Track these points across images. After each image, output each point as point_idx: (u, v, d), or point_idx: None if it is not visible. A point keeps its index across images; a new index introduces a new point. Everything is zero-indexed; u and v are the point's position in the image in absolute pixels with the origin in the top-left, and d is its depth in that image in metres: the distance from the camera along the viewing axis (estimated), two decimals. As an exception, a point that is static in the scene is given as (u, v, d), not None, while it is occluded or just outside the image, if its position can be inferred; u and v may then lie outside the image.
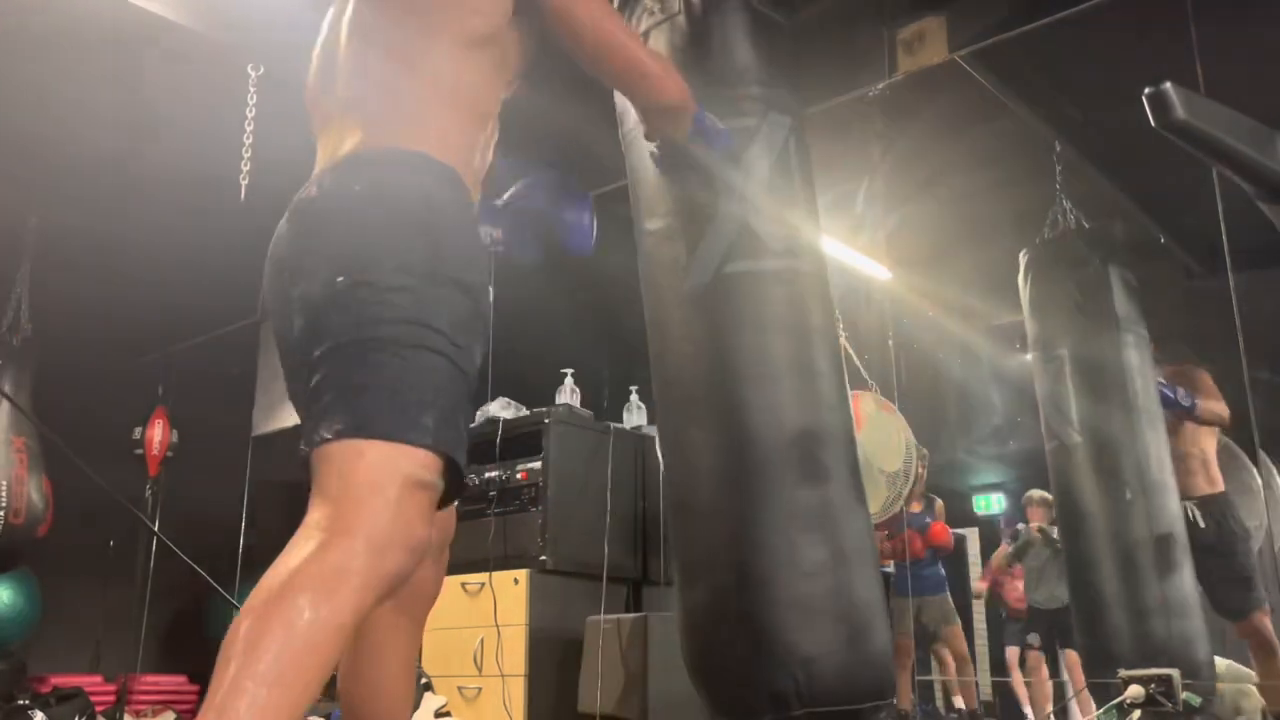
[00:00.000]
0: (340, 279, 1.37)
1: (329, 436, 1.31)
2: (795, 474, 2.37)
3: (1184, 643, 3.67)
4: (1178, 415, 4.03)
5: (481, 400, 4.49)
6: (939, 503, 5.92)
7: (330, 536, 1.24)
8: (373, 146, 1.48)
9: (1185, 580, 3.82)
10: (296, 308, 1.43)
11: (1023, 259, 4.39)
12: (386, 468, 1.29)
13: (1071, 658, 5.26)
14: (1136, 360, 4.08)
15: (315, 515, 1.28)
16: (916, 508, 5.73)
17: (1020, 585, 5.96)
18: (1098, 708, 3.38)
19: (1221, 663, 4.19)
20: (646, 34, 2.69)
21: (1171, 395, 4.00)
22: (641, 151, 2.65)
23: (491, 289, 1.55)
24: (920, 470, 5.37)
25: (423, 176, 1.45)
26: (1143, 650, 3.64)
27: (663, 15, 2.67)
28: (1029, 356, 4.36)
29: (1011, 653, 6.06)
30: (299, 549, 1.24)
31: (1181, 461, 4.13)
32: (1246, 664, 4.16)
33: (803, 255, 2.58)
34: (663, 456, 2.62)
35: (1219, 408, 4.10)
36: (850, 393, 4.11)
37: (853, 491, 2.46)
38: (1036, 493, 5.80)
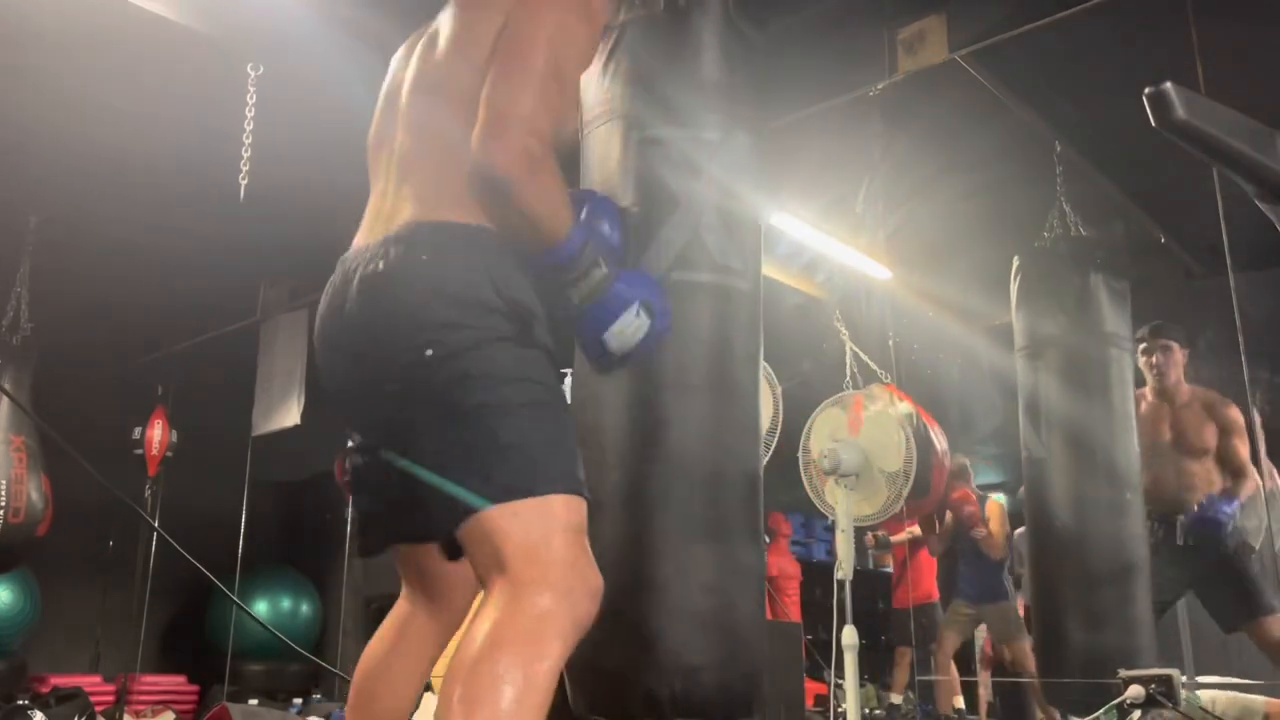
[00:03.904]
0: (429, 351, 1.38)
1: (478, 507, 1.34)
2: (700, 489, 2.40)
3: (1131, 655, 3.70)
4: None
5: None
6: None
7: (518, 594, 1.29)
8: (431, 219, 1.48)
9: (1140, 596, 3.86)
10: (382, 383, 1.44)
11: (1014, 264, 4.38)
12: (547, 522, 1.34)
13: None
14: (1117, 373, 4.07)
15: (494, 580, 1.32)
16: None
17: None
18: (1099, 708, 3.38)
19: (1224, 696, 4.16)
20: (624, 25, 2.68)
21: (1229, 515, 3.82)
22: (601, 142, 2.65)
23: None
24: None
25: (485, 248, 1.47)
26: (1092, 660, 3.71)
27: (643, 10, 2.66)
28: (1015, 360, 4.35)
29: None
30: (489, 614, 1.29)
31: (1182, 477, 4.06)
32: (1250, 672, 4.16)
33: (743, 273, 2.58)
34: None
35: (1252, 487, 3.91)
36: (853, 394, 4.14)
37: (749, 517, 2.50)
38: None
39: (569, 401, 1.52)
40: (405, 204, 1.52)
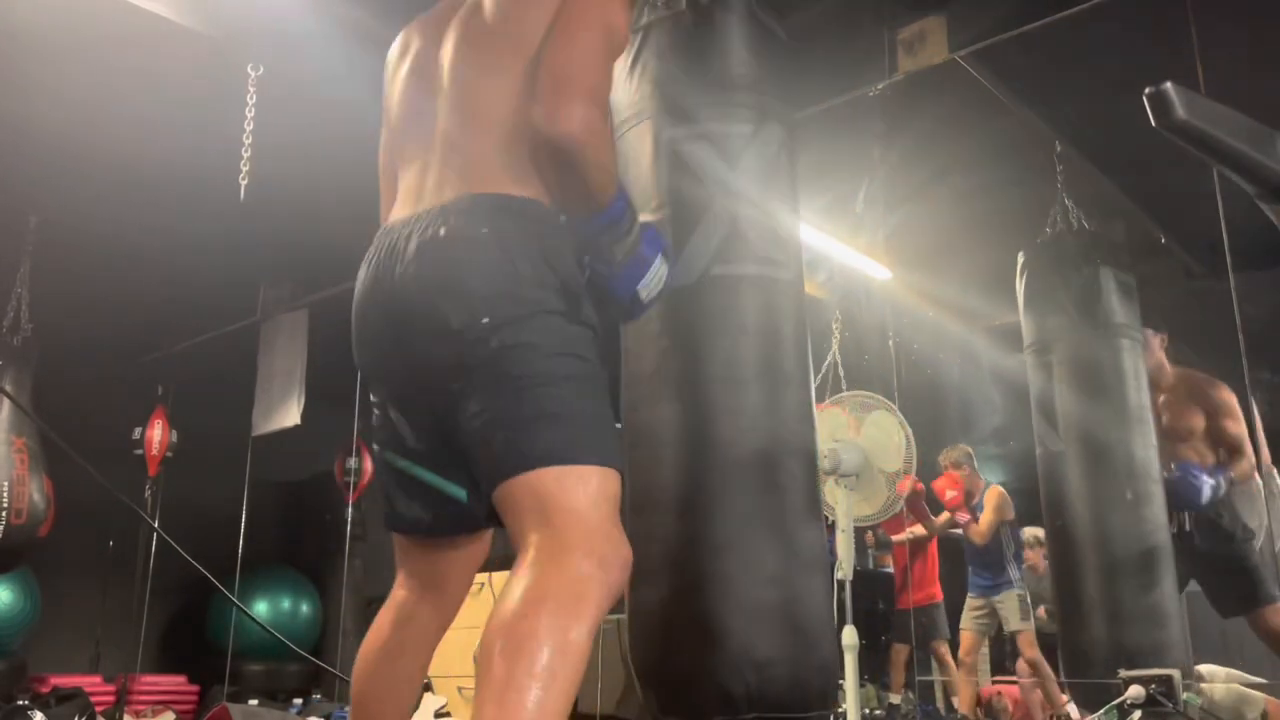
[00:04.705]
0: (486, 319, 1.43)
1: (523, 467, 1.38)
2: (757, 480, 2.39)
3: (1160, 649, 3.70)
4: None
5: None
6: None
7: (559, 556, 1.33)
8: (486, 190, 1.52)
9: (1167, 589, 3.84)
10: (429, 348, 1.47)
11: (1020, 260, 4.39)
12: (587, 490, 1.39)
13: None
14: (1130, 365, 4.06)
15: (534, 539, 1.35)
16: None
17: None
18: (1099, 709, 3.38)
19: (1219, 671, 4.18)
20: (648, 27, 2.68)
21: (1208, 483, 3.78)
22: (633, 144, 2.65)
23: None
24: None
25: (541, 223, 1.52)
26: (1119, 656, 3.67)
27: (666, 11, 2.66)
28: (1024, 358, 4.36)
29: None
30: (531, 571, 1.32)
31: (1174, 461, 4.02)
32: (1255, 666, 4.16)
33: (784, 263, 2.59)
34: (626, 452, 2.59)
35: (1246, 467, 3.88)
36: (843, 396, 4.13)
37: (809, 502, 2.48)
38: (1030, 532, 5.68)
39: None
40: (455, 177, 1.55)
